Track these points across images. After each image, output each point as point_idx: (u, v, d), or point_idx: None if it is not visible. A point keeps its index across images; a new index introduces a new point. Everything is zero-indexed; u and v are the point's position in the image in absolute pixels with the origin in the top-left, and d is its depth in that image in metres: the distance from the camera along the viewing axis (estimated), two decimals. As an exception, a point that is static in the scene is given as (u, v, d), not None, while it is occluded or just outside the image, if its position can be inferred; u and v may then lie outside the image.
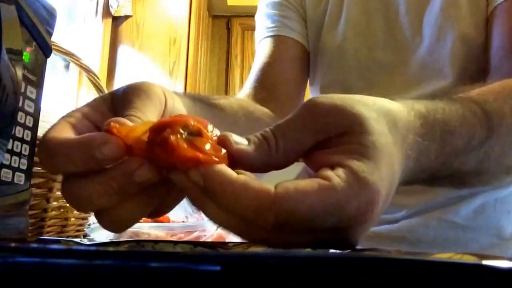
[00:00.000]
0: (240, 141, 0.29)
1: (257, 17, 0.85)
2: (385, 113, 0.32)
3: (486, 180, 0.48)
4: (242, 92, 0.77)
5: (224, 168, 0.27)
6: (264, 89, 0.74)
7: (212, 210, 0.28)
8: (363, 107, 0.30)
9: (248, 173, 0.29)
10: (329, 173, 0.28)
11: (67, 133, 0.32)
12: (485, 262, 0.20)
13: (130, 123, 0.30)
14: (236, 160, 0.29)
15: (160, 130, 0.28)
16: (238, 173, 0.28)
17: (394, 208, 0.71)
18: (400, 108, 0.34)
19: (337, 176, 0.27)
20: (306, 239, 0.28)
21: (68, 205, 0.60)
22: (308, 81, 0.84)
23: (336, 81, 0.77)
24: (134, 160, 0.29)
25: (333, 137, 0.30)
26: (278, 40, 0.80)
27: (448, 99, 0.41)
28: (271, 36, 0.80)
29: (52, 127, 0.32)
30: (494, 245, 0.69)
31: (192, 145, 0.28)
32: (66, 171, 0.31)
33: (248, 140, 0.30)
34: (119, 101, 0.34)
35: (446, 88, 0.67)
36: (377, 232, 0.71)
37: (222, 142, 0.29)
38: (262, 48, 0.81)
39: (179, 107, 0.39)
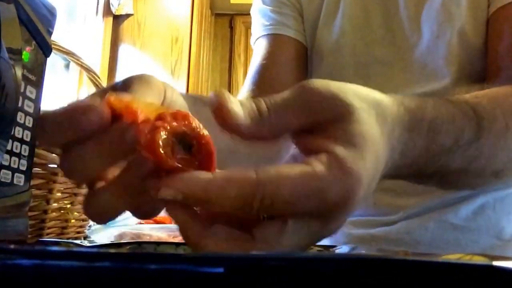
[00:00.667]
0: (235, 102, 0.30)
1: (252, 12, 0.84)
2: (376, 105, 0.33)
3: (473, 182, 0.48)
4: (240, 94, 0.76)
5: (198, 173, 0.28)
6: (262, 91, 0.73)
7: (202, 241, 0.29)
8: (356, 97, 0.31)
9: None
10: (312, 159, 0.28)
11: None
12: (496, 263, 0.20)
13: (128, 97, 0.31)
14: (226, 121, 0.30)
15: (149, 130, 0.28)
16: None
17: (392, 210, 0.70)
18: (390, 101, 0.35)
19: (320, 163, 0.28)
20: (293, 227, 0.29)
21: (68, 206, 0.60)
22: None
23: (331, 77, 0.76)
24: (125, 123, 0.29)
25: (323, 122, 0.30)
26: (275, 39, 0.78)
27: (440, 98, 0.42)
28: (267, 35, 0.79)
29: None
30: (494, 246, 0.68)
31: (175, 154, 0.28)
32: (58, 142, 0.33)
33: (242, 105, 0.31)
34: (119, 91, 0.35)
35: (445, 87, 0.67)
36: (374, 234, 0.70)
37: (218, 98, 0.30)
38: (258, 47, 0.80)
39: (178, 99, 0.39)
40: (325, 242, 0.74)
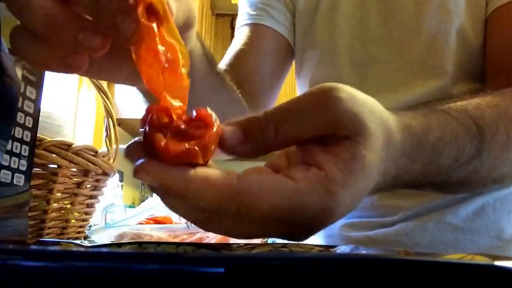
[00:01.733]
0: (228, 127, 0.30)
1: (240, 2, 0.83)
2: (385, 130, 0.32)
3: (472, 188, 0.48)
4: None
5: (182, 169, 0.27)
6: (237, 75, 0.71)
7: (172, 203, 0.28)
8: (372, 118, 0.30)
9: (212, 165, 0.29)
10: (300, 172, 0.28)
11: None
12: (497, 262, 0.20)
13: None
14: (222, 143, 0.29)
15: (149, 124, 0.28)
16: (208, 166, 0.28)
17: (390, 211, 0.69)
18: (396, 125, 0.34)
19: (307, 178, 0.28)
20: (262, 230, 0.28)
21: (68, 206, 0.60)
22: (295, 74, 0.82)
23: (327, 76, 0.74)
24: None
25: (335, 136, 0.29)
26: (258, 29, 0.78)
27: (446, 113, 0.41)
28: (251, 23, 0.78)
29: None
30: (494, 247, 0.67)
31: (177, 138, 0.27)
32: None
33: (239, 124, 0.30)
34: None
35: (444, 86, 0.66)
36: (372, 236, 0.69)
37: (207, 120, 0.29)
38: (240, 34, 0.79)
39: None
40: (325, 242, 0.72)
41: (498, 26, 0.63)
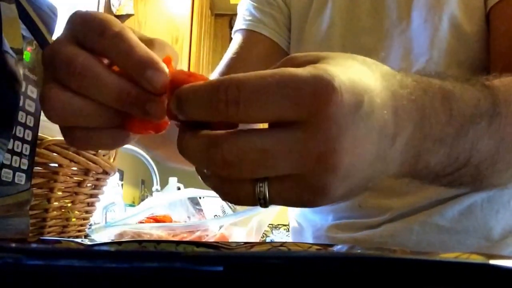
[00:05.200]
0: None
1: (239, 5, 0.84)
2: (365, 62, 0.32)
3: (504, 173, 0.44)
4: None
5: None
6: None
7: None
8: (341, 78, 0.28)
9: None
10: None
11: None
12: (493, 261, 0.20)
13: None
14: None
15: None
16: None
17: (377, 211, 0.68)
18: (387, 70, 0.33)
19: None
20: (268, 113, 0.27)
21: (69, 205, 0.60)
22: None
23: None
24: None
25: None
26: (250, 35, 0.78)
27: (448, 77, 0.39)
28: (244, 29, 0.79)
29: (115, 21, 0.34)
30: (482, 247, 0.65)
31: None
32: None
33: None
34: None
35: (426, 67, 0.64)
36: (357, 238, 0.68)
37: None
38: (234, 40, 0.81)
39: None
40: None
41: (501, 23, 0.62)
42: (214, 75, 0.78)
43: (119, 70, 0.33)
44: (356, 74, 0.29)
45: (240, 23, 0.80)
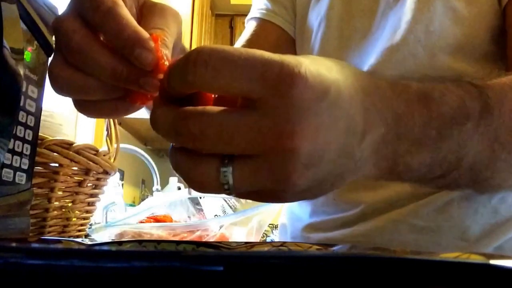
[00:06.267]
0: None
1: None
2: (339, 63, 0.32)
3: (502, 176, 0.43)
4: None
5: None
6: None
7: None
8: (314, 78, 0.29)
9: None
10: None
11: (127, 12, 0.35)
12: (493, 261, 0.20)
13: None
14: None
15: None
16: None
17: (350, 205, 0.66)
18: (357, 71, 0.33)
19: None
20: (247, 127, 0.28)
21: (70, 205, 0.60)
22: None
23: (316, 54, 0.73)
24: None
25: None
26: (261, 23, 0.80)
27: (423, 79, 0.38)
28: (256, 18, 0.80)
29: None
30: (458, 248, 0.62)
31: None
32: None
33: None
34: (151, 17, 0.39)
35: (423, 58, 0.62)
36: (331, 238, 0.67)
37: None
38: (247, 28, 0.82)
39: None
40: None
41: None
42: None
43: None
44: (327, 68, 0.30)
45: (253, 11, 0.82)
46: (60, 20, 0.36)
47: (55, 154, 0.54)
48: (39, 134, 0.46)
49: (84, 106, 0.38)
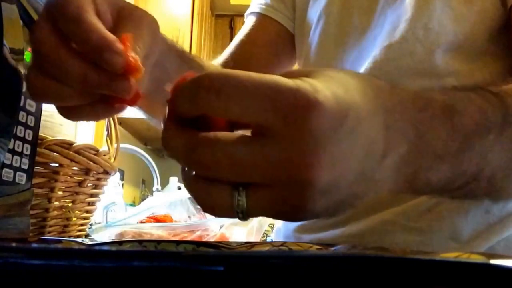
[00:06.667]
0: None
1: None
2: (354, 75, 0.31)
3: None
4: (215, 61, 0.78)
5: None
6: (234, 64, 0.74)
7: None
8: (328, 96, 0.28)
9: None
10: None
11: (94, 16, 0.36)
12: (493, 261, 0.20)
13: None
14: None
15: None
16: None
17: None
18: (379, 81, 0.32)
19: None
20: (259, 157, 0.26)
21: (70, 205, 0.60)
22: (297, 60, 0.82)
23: (314, 50, 0.74)
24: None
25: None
26: (261, 19, 0.80)
27: (449, 89, 0.38)
28: (255, 12, 0.81)
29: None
30: (449, 249, 0.59)
31: None
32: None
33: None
34: (126, 24, 0.39)
35: (420, 55, 0.61)
36: (322, 239, 0.66)
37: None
38: (246, 22, 0.82)
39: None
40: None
41: None
42: (224, 55, 0.79)
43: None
44: (344, 87, 0.28)
45: (252, 6, 0.82)
46: (33, 29, 0.36)
47: (55, 154, 0.54)
48: (39, 134, 0.46)
49: (65, 112, 0.38)
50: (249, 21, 0.82)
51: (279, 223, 0.81)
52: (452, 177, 0.36)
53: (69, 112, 0.38)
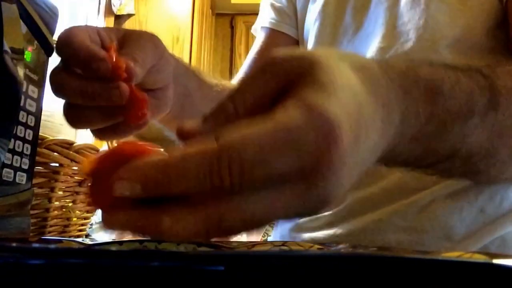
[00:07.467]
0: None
1: (262, 1, 0.85)
2: (350, 59, 0.30)
3: (499, 168, 0.42)
4: (233, 81, 0.78)
5: (152, 158, 0.25)
6: None
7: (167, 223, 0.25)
8: (323, 53, 0.28)
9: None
10: (277, 109, 0.25)
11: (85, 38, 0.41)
12: (496, 261, 0.20)
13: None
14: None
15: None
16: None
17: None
18: (369, 59, 0.32)
19: (285, 112, 0.25)
20: (280, 199, 0.25)
21: (70, 205, 0.60)
22: None
23: (311, 49, 0.74)
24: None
25: (291, 83, 0.27)
26: (270, 34, 0.80)
27: (436, 63, 0.37)
28: (265, 27, 0.81)
29: (73, 29, 0.42)
30: (442, 248, 0.59)
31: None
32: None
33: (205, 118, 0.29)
34: (127, 42, 0.44)
35: (412, 50, 0.61)
36: (316, 238, 0.66)
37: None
38: (258, 38, 0.82)
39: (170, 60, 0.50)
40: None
41: None
42: (240, 73, 0.81)
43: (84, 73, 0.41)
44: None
45: (262, 20, 0.82)
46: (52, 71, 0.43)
47: (55, 154, 0.54)
48: (40, 134, 0.46)
49: (97, 134, 0.46)
50: (259, 37, 0.82)
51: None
52: (423, 155, 0.36)
53: (99, 134, 0.46)
